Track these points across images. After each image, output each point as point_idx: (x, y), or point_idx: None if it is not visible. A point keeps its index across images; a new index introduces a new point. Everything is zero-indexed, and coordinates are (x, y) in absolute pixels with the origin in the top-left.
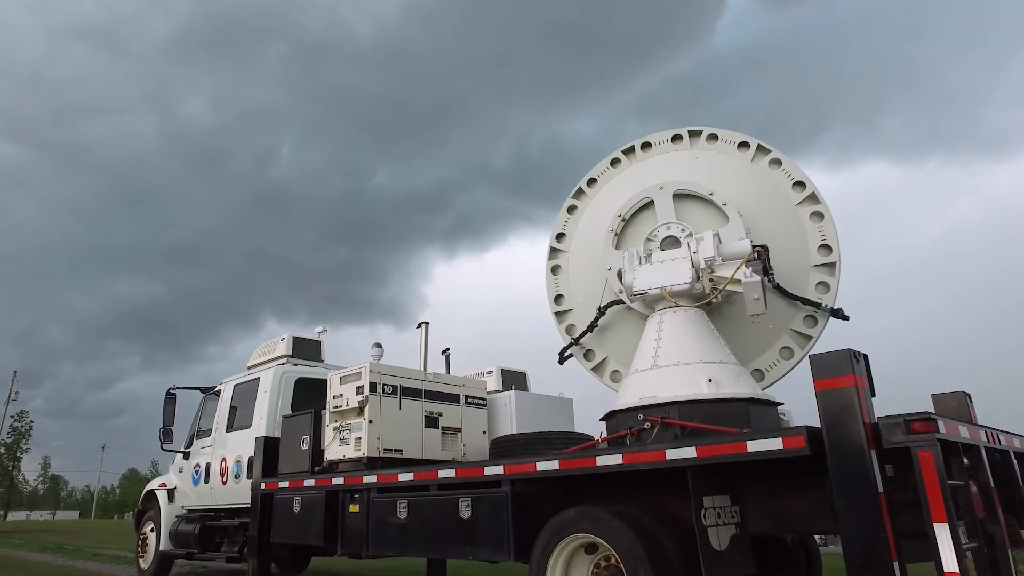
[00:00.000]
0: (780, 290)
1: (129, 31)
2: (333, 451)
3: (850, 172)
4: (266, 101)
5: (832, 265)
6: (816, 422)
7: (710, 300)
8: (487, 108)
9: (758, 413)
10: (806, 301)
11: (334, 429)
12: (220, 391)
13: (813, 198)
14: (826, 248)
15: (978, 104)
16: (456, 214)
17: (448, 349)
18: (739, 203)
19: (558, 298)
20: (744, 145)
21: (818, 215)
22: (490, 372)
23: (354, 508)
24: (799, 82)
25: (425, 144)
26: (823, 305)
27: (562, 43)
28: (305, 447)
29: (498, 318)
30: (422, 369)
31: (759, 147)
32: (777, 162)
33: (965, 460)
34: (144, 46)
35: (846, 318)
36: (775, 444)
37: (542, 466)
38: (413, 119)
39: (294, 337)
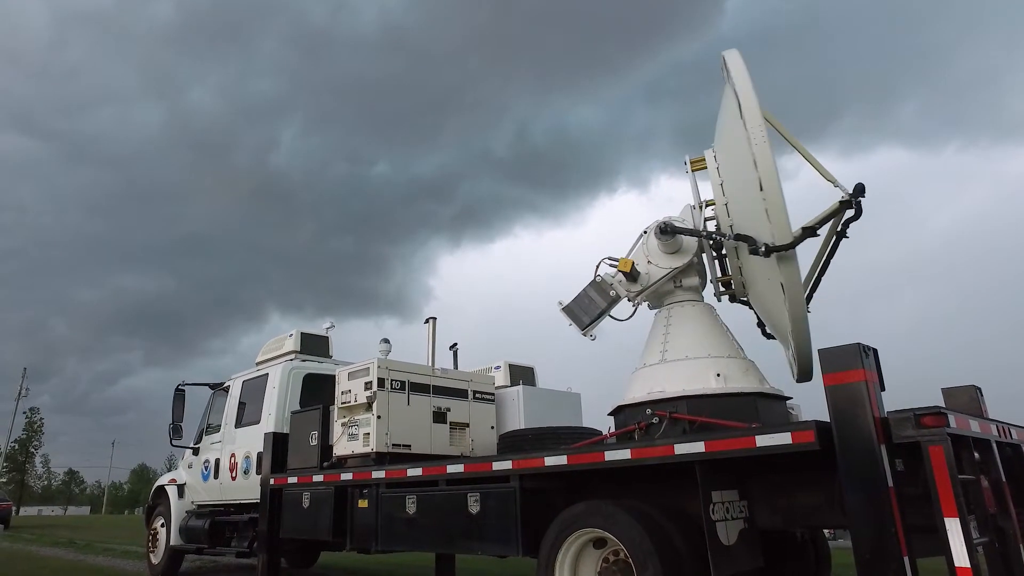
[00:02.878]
0: (740, 238)
1: (132, 16)
2: (342, 447)
3: (865, 159)
4: (269, 89)
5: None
6: (825, 416)
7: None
8: (489, 94)
9: (767, 407)
10: (743, 238)
11: (343, 425)
12: (229, 387)
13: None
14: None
15: (997, 88)
16: (460, 203)
17: (456, 344)
18: (717, 145)
19: None
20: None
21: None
22: (498, 367)
23: (363, 503)
24: (810, 66)
25: (427, 131)
26: (727, 237)
27: (566, 28)
28: (314, 443)
29: (505, 311)
30: (430, 364)
31: (723, 59)
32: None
33: (976, 455)
34: (147, 32)
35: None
36: (784, 439)
37: (550, 461)
38: (414, 106)
39: (302, 333)
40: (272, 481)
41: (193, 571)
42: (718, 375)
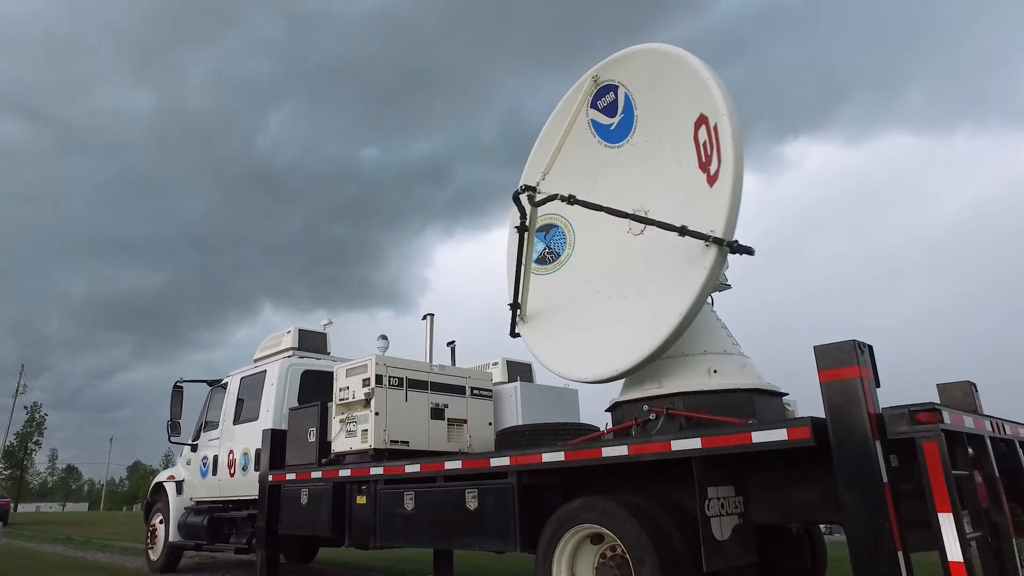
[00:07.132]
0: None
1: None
2: (340, 443)
3: (871, 147)
4: (261, 70)
5: None
6: (821, 412)
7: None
8: (480, 76)
9: (763, 403)
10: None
11: (341, 421)
12: (227, 384)
13: None
14: None
15: (1008, 70)
16: (455, 189)
17: (453, 341)
18: None
19: None
20: None
21: None
22: (495, 363)
23: (361, 500)
24: (814, 47)
25: (419, 113)
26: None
27: (561, 7)
28: (312, 439)
29: (503, 305)
30: (427, 361)
31: None
32: None
33: (970, 450)
34: (140, 14)
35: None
36: (780, 435)
37: (548, 457)
38: (407, 87)
39: (300, 330)
40: (271, 477)
41: (192, 567)
42: (714, 371)
